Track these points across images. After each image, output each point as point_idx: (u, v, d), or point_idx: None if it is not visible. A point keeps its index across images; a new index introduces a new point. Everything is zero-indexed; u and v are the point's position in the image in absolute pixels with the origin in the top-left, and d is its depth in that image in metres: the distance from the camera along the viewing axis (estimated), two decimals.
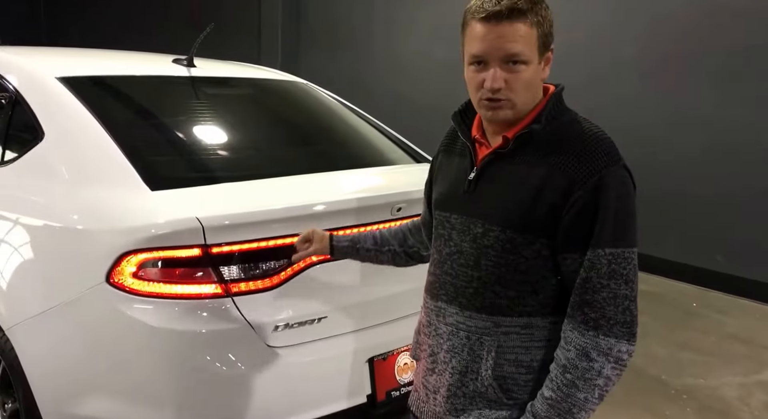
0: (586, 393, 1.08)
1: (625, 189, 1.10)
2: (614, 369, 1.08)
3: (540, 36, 1.12)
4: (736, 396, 3.01)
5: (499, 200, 1.16)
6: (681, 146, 4.48)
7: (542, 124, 1.14)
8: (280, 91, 2.81)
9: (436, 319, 1.26)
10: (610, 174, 1.08)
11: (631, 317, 1.09)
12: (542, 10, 1.12)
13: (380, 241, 1.58)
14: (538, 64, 1.14)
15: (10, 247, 1.88)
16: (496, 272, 1.15)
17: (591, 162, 1.09)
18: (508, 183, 1.15)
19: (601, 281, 1.08)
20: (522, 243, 1.13)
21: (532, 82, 1.14)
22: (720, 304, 4.17)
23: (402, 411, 2.08)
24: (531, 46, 1.11)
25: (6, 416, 1.99)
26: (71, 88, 2.05)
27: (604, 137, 1.13)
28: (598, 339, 1.08)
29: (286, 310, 1.77)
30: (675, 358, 3.38)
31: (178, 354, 1.64)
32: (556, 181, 1.10)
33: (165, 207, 1.71)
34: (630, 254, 1.08)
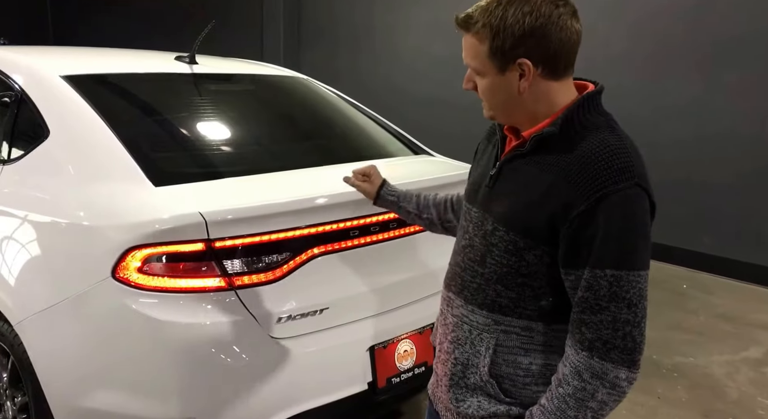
0: (577, 412, 1.00)
1: (633, 208, 0.97)
2: (610, 395, 0.99)
3: (494, 48, 1.02)
4: (723, 372, 3.00)
5: (508, 200, 1.09)
6: (668, 133, 4.43)
7: (557, 127, 1.04)
8: (281, 86, 2.75)
9: (446, 309, 1.22)
10: (618, 191, 0.96)
11: (633, 344, 0.98)
12: (499, 21, 1.01)
13: (422, 207, 1.55)
14: (500, 75, 1.04)
15: (18, 244, 1.83)
16: (498, 271, 1.10)
17: (599, 176, 0.97)
18: (519, 183, 1.07)
19: (600, 303, 0.98)
20: (524, 247, 1.05)
21: (494, 92, 1.07)
22: (709, 285, 4.14)
23: (402, 396, 2.06)
24: (479, 58, 1.05)
25: (16, 409, 1.96)
26: (75, 86, 1.99)
27: (622, 151, 1.00)
28: (592, 361, 0.99)
29: (289, 302, 1.73)
30: (666, 338, 3.35)
31: (184, 347, 1.60)
32: (560, 190, 1.00)
33: (168, 202, 1.67)
34: (635, 277, 0.97)
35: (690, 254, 4.38)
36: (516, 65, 1.03)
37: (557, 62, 1.04)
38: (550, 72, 1.04)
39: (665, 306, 3.79)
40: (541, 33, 1.00)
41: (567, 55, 1.04)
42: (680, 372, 2.99)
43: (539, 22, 1.00)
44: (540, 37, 1.00)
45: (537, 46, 1.01)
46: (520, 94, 1.05)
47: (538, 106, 1.07)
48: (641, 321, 0.99)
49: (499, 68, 1.04)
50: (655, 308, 3.74)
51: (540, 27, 1.00)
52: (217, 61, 2.74)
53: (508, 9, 1.01)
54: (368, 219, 1.85)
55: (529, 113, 1.08)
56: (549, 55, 1.02)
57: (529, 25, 1.00)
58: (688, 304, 3.84)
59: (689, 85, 4.30)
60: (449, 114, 5.61)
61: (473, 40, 1.05)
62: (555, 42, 1.01)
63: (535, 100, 1.06)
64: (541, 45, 1.01)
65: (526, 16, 1.00)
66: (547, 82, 1.05)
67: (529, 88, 1.04)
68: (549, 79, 1.05)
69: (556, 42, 1.01)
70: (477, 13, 1.03)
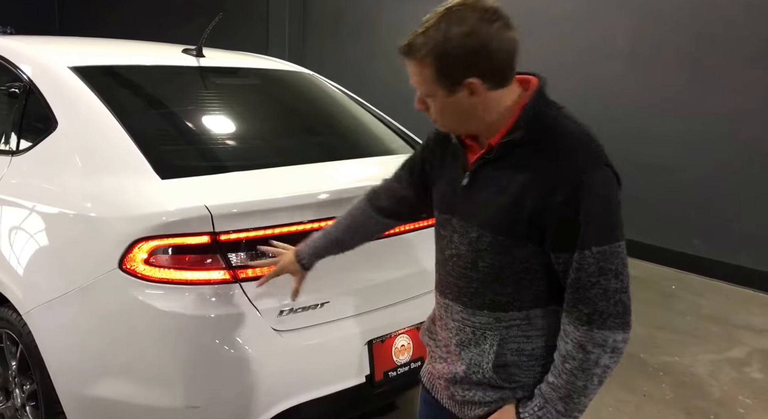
0: (585, 381, 1.08)
1: (607, 189, 1.05)
2: (611, 358, 1.07)
3: (440, 72, 1.05)
4: (707, 372, 3.04)
5: (488, 206, 1.12)
6: (662, 134, 4.45)
7: (522, 129, 1.08)
8: (286, 81, 2.75)
9: (446, 315, 1.25)
10: (590, 176, 1.03)
11: (623, 308, 1.06)
12: (441, 46, 1.03)
13: (342, 242, 1.52)
14: (450, 96, 1.07)
15: (26, 234, 1.84)
16: (492, 273, 1.14)
17: (570, 166, 1.04)
18: (495, 188, 1.11)
19: (591, 279, 1.05)
20: (513, 245, 1.10)
21: (447, 112, 1.11)
22: (697, 286, 4.18)
23: (398, 390, 2.09)
24: (427, 83, 1.08)
25: (25, 397, 1.99)
26: (83, 77, 1.99)
27: (584, 138, 1.07)
28: (593, 333, 1.06)
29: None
30: (653, 337, 3.40)
31: (188, 338, 1.62)
32: (537, 186, 1.05)
33: (175, 195, 1.68)
34: (616, 248, 1.05)
35: (679, 256, 4.42)
36: (464, 85, 1.06)
37: (502, 74, 1.07)
38: (497, 83, 1.07)
39: (654, 307, 3.83)
40: (483, 51, 1.03)
41: (510, 65, 1.07)
42: (666, 371, 3.03)
43: (479, 42, 1.02)
44: (482, 56, 1.03)
45: (481, 64, 1.04)
46: (472, 109, 1.09)
47: (492, 115, 1.10)
48: (627, 286, 1.07)
49: (448, 90, 1.07)
50: (644, 308, 3.78)
51: (481, 46, 1.02)
52: (223, 54, 2.73)
53: (447, 33, 1.03)
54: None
55: (485, 123, 1.11)
56: (494, 69, 1.06)
57: (470, 46, 1.02)
58: (676, 305, 3.88)
59: (681, 85, 4.31)
60: None
61: (419, 67, 1.08)
62: (497, 57, 1.04)
63: (488, 111, 1.10)
64: (485, 62, 1.04)
65: (465, 37, 1.02)
66: (496, 92, 1.08)
67: (480, 102, 1.08)
68: (497, 89, 1.08)
69: (498, 56, 1.04)
70: (418, 40, 1.06)
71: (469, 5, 1.03)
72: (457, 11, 1.03)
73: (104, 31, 4.39)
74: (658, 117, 4.46)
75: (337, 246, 1.53)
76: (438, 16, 1.05)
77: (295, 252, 1.55)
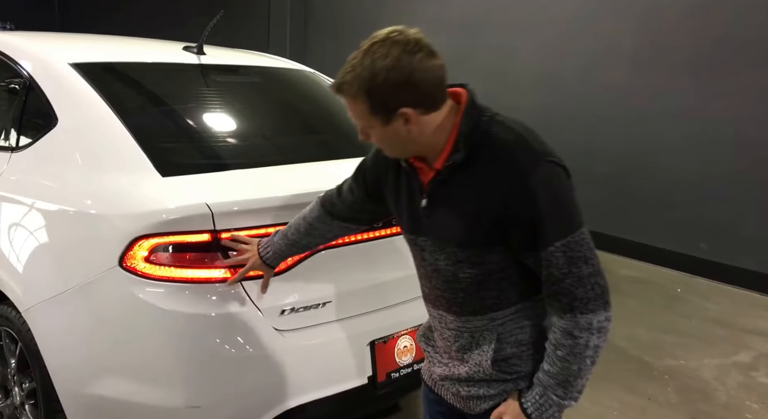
0: (579, 364, 1.13)
1: (555, 184, 1.11)
2: (599, 337, 1.13)
3: (373, 107, 1.12)
4: (713, 376, 3.04)
5: (452, 223, 1.18)
6: (668, 136, 4.46)
7: (461, 151, 1.14)
8: (288, 79, 2.76)
9: (440, 325, 1.32)
10: (533, 178, 1.09)
11: (601, 289, 1.12)
12: (369, 82, 1.09)
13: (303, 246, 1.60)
14: (387, 126, 1.13)
15: (26, 231, 1.85)
16: (475, 281, 1.20)
17: (513, 175, 1.10)
18: (454, 206, 1.18)
19: (563, 270, 1.10)
20: (485, 253, 1.17)
21: (387, 141, 1.17)
22: (703, 290, 4.18)
23: (401, 391, 2.09)
24: (363, 117, 1.15)
25: (24, 395, 1.99)
26: (84, 74, 2.00)
27: (518, 142, 1.13)
28: (577, 319, 1.12)
29: (293, 295, 1.76)
30: (658, 341, 3.40)
31: (189, 337, 1.63)
32: (490, 199, 1.12)
33: (176, 193, 1.69)
34: (579, 236, 1.11)
35: (685, 258, 4.42)
36: (398, 115, 1.12)
37: (432, 99, 1.13)
38: (429, 108, 1.13)
39: (659, 310, 3.83)
40: (410, 82, 1.09)
41: (438, 90, 1.14)
42: (671, 375, 3.03)
43: (404, 74, 1.08)
44: (410, 86, 1.09)
45: (410, 94, 1.10)
46: (410, 134, 1.14)
47: (432, 137, 1.16)
48: (599, 267, 1.13)
49: (383, 121, 1.13)
50: (649, 311, 3.79)
51: (406, 78, 1.08)
52: (224, 52, 2.74)
53: (373, 69, 1.09)
54: None
55: (428, 145, 1.17)
56: (422, 97, 1.12)
57: (396, 79, 1.08)
58: (682, 308, 3.88)
59: (690, 88, 4.32)
60: None
61: (353, 103, 1.15)
62: (424, 85, 1.11)
63: (425, 133, 1.15)
64: (413, 92, 1.10)
65: (391, 71, 1.08)
66: (430, 116, 1.14)
67: (417, 127, 1.14)
68: (431, 113, 1.14)
69: (424, 85, 1.11)
70: (347, 78, 1.12)
71: (391, 39, 1.09)
72: (380, 47, 1.09)
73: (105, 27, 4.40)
74: (663, 120, 4.47)
75: (296, 249, 1.62)
76: (363, 53, 1.11)
77: (258, 253, 1.62)
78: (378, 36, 1.11)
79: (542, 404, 1.17)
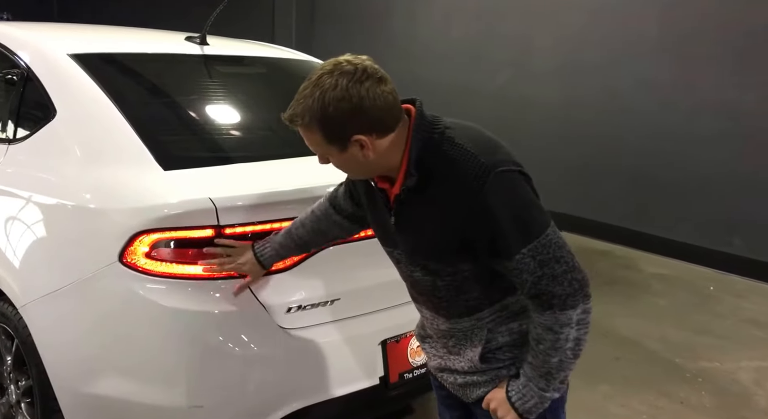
0: (559, 357, 1.19)
1: (509, 191, 1.15)
2: (579, 330, 1.18)
3: (327, 137, 1.17)
4: (752, 379, 2.98)
5: (421, 238, 1.26)
6: (697, 128, 4.41)
7: (414, 176, 1.20)
8: (293, 70, 2.76)
9: (431, 326, 1.41)
10: (488, 189, 1.13)
11: (578, 284, 1.16)
12: (321, 113, 1.14)
13: (306, 244, 1.65)
14: (343, 153, 1.19)
15: (23, 226, 1.87)
16: (453, 288, 1.28)
17: (466, 191, 1.15)
18: (419, 223, 1.24)
19: (536, 273, 1.15)
20: (459, 261, 1.23)
21: (346, 166, 1.25)
22: (738, 288, 4.12)
23: (414, 392, 2.08)
24: (320, 146, 1.21)
25: (20, 393, 2.01)
26: (83, 65, 2.02)
27: (467, 155, 1.16)
28: (556, 315, 1.17)
29: (299, 292, 1.76)
30: (691, 342, 3.35)
31: (191, 335, 1.64)
32: (450, 215, 1.18)
33: (178, 187, 1.70)
34: (545, 238, 1.15)
35: (717, 255, 4.35)
36: (352, 142, 1.18)
37: (384, 124, 1.19)
38: (384, 132, 1.19)
39: (691, 309, 3.78)
40: (360, 111, 1.14)
41: (390, 114, 1.19)
42: (705, 378, 2.98)
43: (353, 103, 1.14)
44: (361, 114, 1.15)
45: (362, 122, 1.16)
46: (366, 159, 1.20)
47: (389, 158, 1.22)
48: (573, 264, 1.17)
49: (339, 149, 1.19)
50: (680, 310, 3.74)
51: (356, 106, 1.14)
52: (228, 42, 2.76)
53: (323, 100, 1.14)
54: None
55: (386, 165, 1.23)
56: (374, 123, 1.17)
57: (346, 109, 1.14)
58: (715, 307, 3.82)
59: (722, 81, 4.26)
60: (468, 101, 5.60)
61: (307, 133, 1.21)
62: (374, 112, 1.16)
63: (384, 156, 1.21)
64: (365, 119, 1.16)
65: (340, 101, 1.13)
66: (385, 139, 1.19)
67: (373, 152, 1.19)
68: (386, 136, 1.19)
69: (375, 111, 1.16)
70: (299, 110, 1.18)
71: (338, 69, 1.15)
72: (329, 78, 1.14)
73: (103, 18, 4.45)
74: (692, 111, 4.42)
75: (300, 249, 1.66)
76: (312, 85, 1.16)
77: (254, 252, 1.63)
78: (326, 66, 1.17)
79: (525, 394, 1.25)
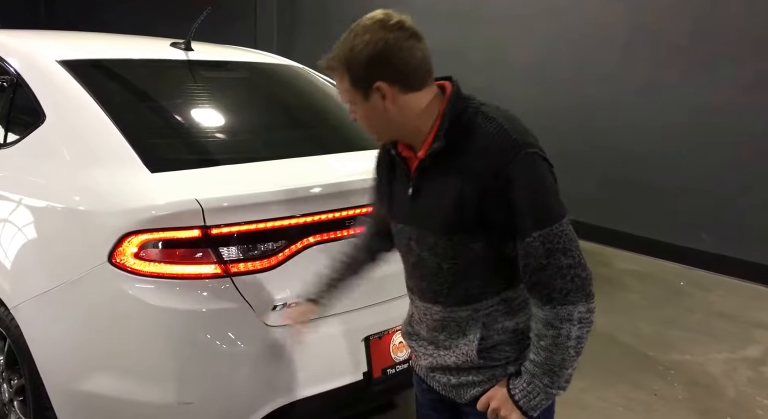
0: (562, 354, 1.17)
1: (535, 173, 1.15)
2: (581, 329, 1.17)
3: (352, 80, 1.21)
4: (721, 371, 3.06)
5: (435, 210, 1.24)
6: (667, 126, 4.48)
7: (441, 139, 1.20)
8: (276, 74, 2.80)
9: (425, 317, 1.36)
10: (515, 166, 1.14)
11: (581, 281, 1.15)
12: (348, 55, 1.18)
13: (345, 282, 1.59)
14: (367, 101, 1.21)
15: (14, 228, 1.89)
16: (458, 272, 1.25)
17: (493, 163, 1.15)
18: (438, 194, 1.23)
19: (541, 261, 1.15)
20: (469, 241, 1.21)
21: (368, 118, 1.24)
22: (707, 283, 4.20)
23: (397, 387, 2.12)
24: (347, 92, 1.24)
25: (12, 392, 2.02)
26: (72, 71, 2.04)
27: (501, 132, 1.17)
28: (557, 310, 1.16)
29: (285, 290, 1.78)
30: (662, 335, 3.42)
31: (179, 333, 1.66)
32: (470, 187, 1.17)
33: (165, 189, 1.72)
34: (559, 227, 1.15)
35: (687, 251, 4.44)
36: (374, 89, 1.20)
37: (408, 78, 1.20)
38: (407, 86, 1.20)
39: (662, 304, 3.85)
40: (384, 57, 1.17)
41: (416, 70, 1.20)
42: (677, 370, 3.05)
43: (380, 47, 1.17)
44: (384, 61, 1.18)
45: (384, 69, 1.18)
46: (388, 112, 1.21)
47: (411, 118, 1.22)
48: (580, 259, 1.16)
49: (363, 95, 1.22)
50: (651, 305, 3.82)
51: (380, 52, 1.17)
52: (212, 47, 2.79)
53: (353, 44, 1.19)
54: (364, 209, 1.90)
55: (410, 127, 1.23)
56: (399, 73, 1.19)
57: (372, 52, 1.17)
58: (685, 302, 3.91)
59: (692, 80, 4.35)
60: None
61: (338, 78, 1.24)
62: (398, 62, 1.18)
63: (405, 114, 1.22)
64: (388, 67, 1.18)
65: (368, 45, 1.17)
66: (408, 95, 1.21)
67: (394, 105, 1.21)
68: (410, 92, 1.21)
69: (399, 62, 1.18)
70: (333, 55, 1.23)
71: (374, 19, 1.19)
72: (363, 26, 1.19)
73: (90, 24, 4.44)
74: (661, 110, 4.49)
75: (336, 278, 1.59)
76: (348, 31, 1.21)
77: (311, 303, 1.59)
78: (365, 17, 1.20)
79: (530, 391, 1.21)
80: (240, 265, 1.71)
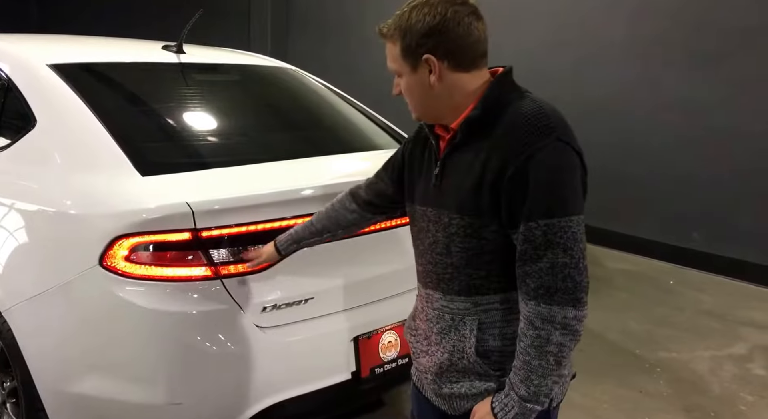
0: (540, 360, 1.11)
1: (559, 160, 1.11)
2: (564, 336, 1.10)
3: (404, 48, 1.19)
4: (707, 368, 3.09)
5: (458, 189, 1.20)
6: (656, 127, 4.51)
7: (479, 110, 1.17)
8: (269, 77, 2.81)
9: (426, 305, 1.32)
10: (541, 148, 1.10)
11: (573, 284, 1.09)
12: (405, 23, 1.17)
13: (320, 231, 1.62)
14: (414, 73, 1.19)
15: (6, 231, 1.89)
16: (465, 256, 1.20)
17: (521, 139, 1.11)
18: (463, 172, 1.19)
19: (538, 252, 1.10)
20: (480, 225, 1.17)
21: (412, 90, 1.22)
22: (697, 282, 4.23)
23: (385, 386, 2.14)
24: (396, 60, 1.21)
25: (5, 394, 2.03)
26: (62, 75, 2.05)
27: (538, 113, 1.13)
28: (539, 308, 1.10)
29: (275, 292, 1.80)
30: (650, 333, 3.45)
31: (170, 335, 1.67)
32: (493, 163, 1.13)
33: (156, 192, 1.73)
34: (567, 223, 1.09)
35: (677, 250, 4.47)
36: (424, 61, 1.17)
37: (461, 55, 1.17)
38: (457, 65, 1.17)
39: (651, 302, 3.88)
40: (440, 30, 1.15)
41: (469, 49, 1.17)
42: (663, 367, 3.08)
43: (437, 20, 1.14)
44: (440, 34, 1.15)
45: (438, 42, 1.16)
46: (432, 88, 1.19)
47: (454, 98, 1.20)
48: (579, 263, 1.10)
49: (411, 66, 1.19)
50: (641, 304, 3.85)
51: (438, 25, 1.15)
52: (204, 50, 2.79)
53: (412, 12, 1.17)
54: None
55: (450, 106, 1.21)
56: (451, 49, 1.16)
57: (428, 24, 1.15)
58: (675, 300, 3.94)
59: (678, 79, 4.38)
60: None
61: (391, 45, 1.22)
62: (454, 37, 1.15)
63: (449, 93, 1.20)
64: (442, 41, 1.16)
65: (426, 16, 1.15)
66: (456, 74, 1.18)
67: (440, 81, 1.18)
68: (458, 72, 1.18)
69: (455, 37, 1.15)
70: (391, 21, 1.21)
71: None
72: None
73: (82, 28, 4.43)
74: (650, 110, 4.52)
75: (316, 235, 1.62)
76: (406, 4, 1.20)
77: (274, 241, 1.66)
78: None
79: (506, 404, 1.15)
80: (230, 268, 1.72)
